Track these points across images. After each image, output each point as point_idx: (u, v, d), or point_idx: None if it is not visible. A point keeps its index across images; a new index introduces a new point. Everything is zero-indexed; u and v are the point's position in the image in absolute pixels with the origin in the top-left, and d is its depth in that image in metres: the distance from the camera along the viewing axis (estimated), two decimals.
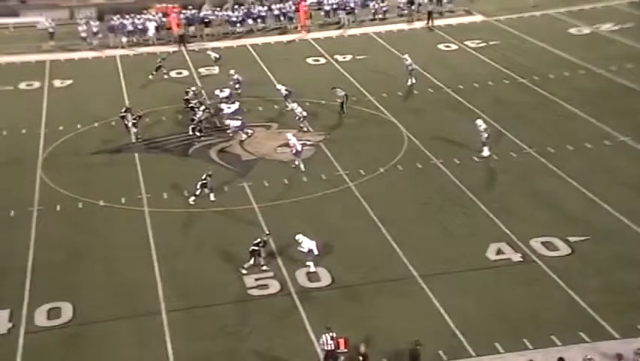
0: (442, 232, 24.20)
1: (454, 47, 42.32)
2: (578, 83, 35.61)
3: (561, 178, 27.00)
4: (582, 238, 23.10)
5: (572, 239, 23.10)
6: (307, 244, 22.34)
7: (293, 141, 28.84)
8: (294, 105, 32.65)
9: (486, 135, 28.58)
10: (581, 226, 23.78)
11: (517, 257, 22.58)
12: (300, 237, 22.48)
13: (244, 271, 22.36)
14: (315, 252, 22.33)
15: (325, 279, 22.16)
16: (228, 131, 32.19)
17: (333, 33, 46.18)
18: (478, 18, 47.28)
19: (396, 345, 18.93)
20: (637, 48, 39.17)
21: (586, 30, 43.35)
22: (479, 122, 28.99)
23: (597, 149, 29.04)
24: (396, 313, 20.41)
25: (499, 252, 22.86)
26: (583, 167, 27.61)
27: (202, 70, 40.27)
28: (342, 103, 33.59)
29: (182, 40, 44.89)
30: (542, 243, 23.07)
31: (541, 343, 18.79)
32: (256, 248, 22.38)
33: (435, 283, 21.60)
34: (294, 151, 28.70)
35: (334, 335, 18.37)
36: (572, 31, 43.54)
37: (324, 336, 18.43)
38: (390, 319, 20.19)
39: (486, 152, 28.60)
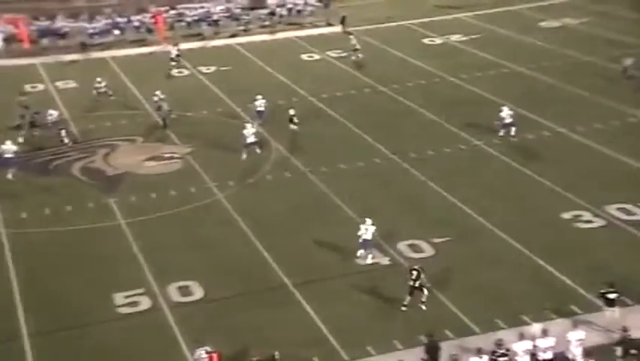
0: (313, 240, 24.53)
1: (316, 56, 43.15)
2: (434, 91, 37.21)
3: (423, 182, 28.12)
4: (444, 239, 24.15)
5: (435, 240, 24.10)
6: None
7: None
8: (252, 129, 30.65)
9: (509, 120, 30.85)
10: (443, 228, 24.81)
11: (385, 261, 23.29)
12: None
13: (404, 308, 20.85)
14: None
15: (198, 293, 21.96)
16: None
17: (195, 44, 45.84)
18: (338, 29, 48.41)
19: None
20: (484, 57, 41.47)
21: (438, 40, 45.43)
22: (505, 108, 31.19)
23: (454, 153, 30.48)
24: (271, 323, 20.49)
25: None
26: (442, 171, 28.87)
27: (59, 83, 38.96)
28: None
29: (84, 48, 44.01)
30: (408, 245, 23.90)
31: (411, 343, 19.40)
32: (414, 283, 20.60)
33: (308, 291, 21.87)
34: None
35: (208, 349, 18.24)
36: (426, 41, 45.52)
37: (197, 351, 18.26)
38: (265, 329, 20.25)
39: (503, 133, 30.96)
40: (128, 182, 28.84)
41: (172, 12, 48.59)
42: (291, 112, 32.68)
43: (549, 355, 17.89)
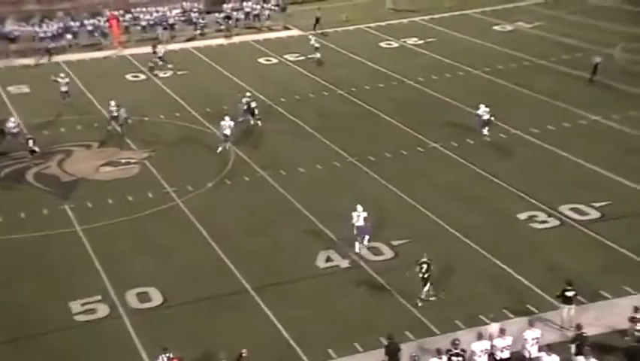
0: (273, 244, 24.54)
1: (274, 60, 43.16)
2: (392, 94, 37.49)
3: (382, 185, 28.31)
4: (404, 241, 24.35)
5: (394, 243, 24.28)
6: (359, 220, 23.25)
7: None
8: (231, 123, 30.71)
9: (486, 117, 31.20)
10: (402, 230, 25.01)
11: (345, 264, 23.39)
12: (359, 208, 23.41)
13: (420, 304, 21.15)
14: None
15: (157, 298, 21.77)
16: None
17: (151, 49, 45.37)
18: (295, 32, 48.51)
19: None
20: (440, 60, 41.96)
21: (395, 44, 45.81)
22: (482, 106, 31.40)
23: (412, 156, 30.76)
24: (232, 328, 20.42)
25: (328, 260, 23.53)
26: (401, 173, 29.10)
27: (10, 88, 38.31)
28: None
29: (48, 52, 43.24)
30: (368, 249, 24.04)
31: (372, 345, 19.50)
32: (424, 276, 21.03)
33: (268, 295, 21.86)
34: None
35: (171, 355, 18.09)
36: (383, 44, 45.84)
37: (160, 357, 18.08)
38: (225, 334, 20.15)
39: (485, 131, 31.26)
40: (84, 188, 28.45)
41: (127, 16, 48.14)
42: (253, 104, 32.69)
43: (506, 354, 18.17)
